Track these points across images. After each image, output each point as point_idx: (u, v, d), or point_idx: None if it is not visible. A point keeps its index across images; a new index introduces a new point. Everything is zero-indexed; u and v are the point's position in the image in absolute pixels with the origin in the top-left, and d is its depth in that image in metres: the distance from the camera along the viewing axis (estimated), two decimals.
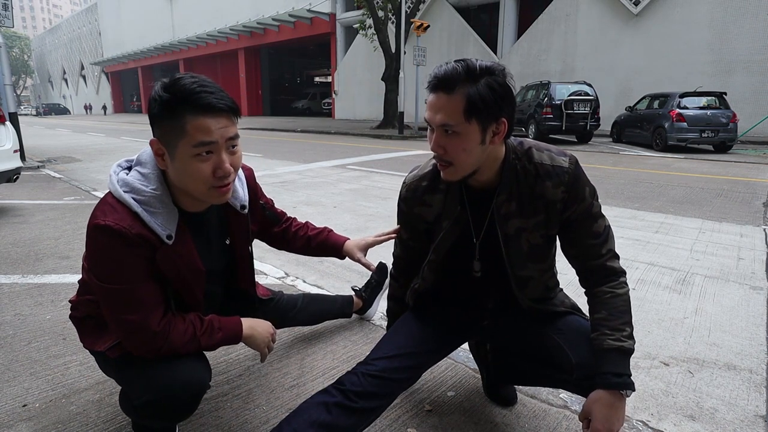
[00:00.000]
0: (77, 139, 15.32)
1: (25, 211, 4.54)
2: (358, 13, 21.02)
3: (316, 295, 2.04)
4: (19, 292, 2.54)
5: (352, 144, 12.74)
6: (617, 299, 1.14)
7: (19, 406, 1.55)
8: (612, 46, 16.20)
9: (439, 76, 1.03)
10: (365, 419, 1.16)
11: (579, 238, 1.18)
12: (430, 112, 1.06)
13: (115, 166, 1.17)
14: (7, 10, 8.18)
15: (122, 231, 1.04)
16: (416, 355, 1.26)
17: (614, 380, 1.06)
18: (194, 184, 1.08)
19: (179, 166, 1.06)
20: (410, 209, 1.30)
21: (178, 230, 1.13)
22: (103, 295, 1.10)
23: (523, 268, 1.23)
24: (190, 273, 1.19)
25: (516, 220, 1.18)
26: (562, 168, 1.13)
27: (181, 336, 1.15)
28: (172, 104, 1.02)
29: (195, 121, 1.02)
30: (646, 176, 6.93)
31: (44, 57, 67.60)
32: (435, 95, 1.05)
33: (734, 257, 3.23)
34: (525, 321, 1.32)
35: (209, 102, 1.02)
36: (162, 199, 1.10)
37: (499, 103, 1.03)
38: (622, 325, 1.11)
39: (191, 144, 1.03)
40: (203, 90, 1.03)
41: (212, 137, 1.04)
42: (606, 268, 1.18)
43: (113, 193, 1.10)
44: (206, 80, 1.06)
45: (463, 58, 1.05)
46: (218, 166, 1.06)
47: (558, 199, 1.14)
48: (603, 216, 1.19)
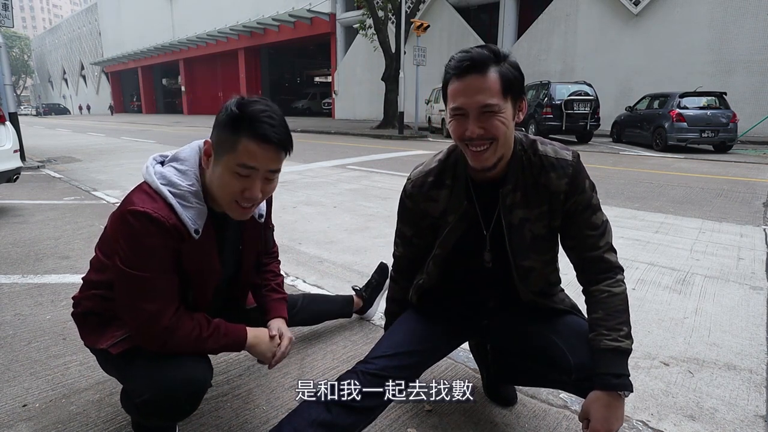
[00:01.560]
0: (77, 139, 15.32)
1: (25, 211, 4.55)
2: (358, 13, 21.02)
3: (316, 295, 2.05)
4: (19, 292, 2.54)
5: (352, 144, 12.74)
6: (614, 299, 1.15)
7: (19, 406, 1.55)
8: (612, 46, 16.19)
9: (472, 58, 1.04)
10: (365, 418, 1.16)
11: (578, 229, 1.19)
12: (465, 97, 1.07)
13: (151, 159, 1.22)
14: (7, 10, 8.18)
15: (160, 220, 1.08)
16: (416, 354, 1.27)
17: (612, 381, 1.06)
18: (222, 192, 1.15)
19: (217, 173, 1.14)
20: (416, 205, 1.30)
21: (205, 227, 1.18)
22: (125, 280, 1.11)
23: (526, 258, 1.24)
24: (208, 271, 1.22)
25: (520, 210, 1.19)
26: (566, 161, 1.17)
27: (188, 334, 1.15)
28: (237, 121, 1.09)
29: (248, 144, 1.09)
30: (646, 176, 6.93)
31: (44, 57, 67.61)
32: (467, 78, 1.06)
33: (734, 257, 3.23)
34: (525, 321, 1.32)
35: (265, 133, 1.10)
36: (196, 194, 1.16)
37: (522, 81, 1.10)
38: (619, 325, 1.11)
39: (236, 162, 1.10)
40: (267, 121, 1.10)
41: (255, 164, 1.11)
42: (603, 260, 1.19)
43: (150, 184, 1.14)
44: (276, 112, 1.14)
45: (480, 44, 1.09)
46: (248, 188, 1.14)
47: (561, 190, 1.16)
48: (601, 210, 1.22)
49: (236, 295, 1.47)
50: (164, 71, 46.06)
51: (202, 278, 1.22)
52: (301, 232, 3.90)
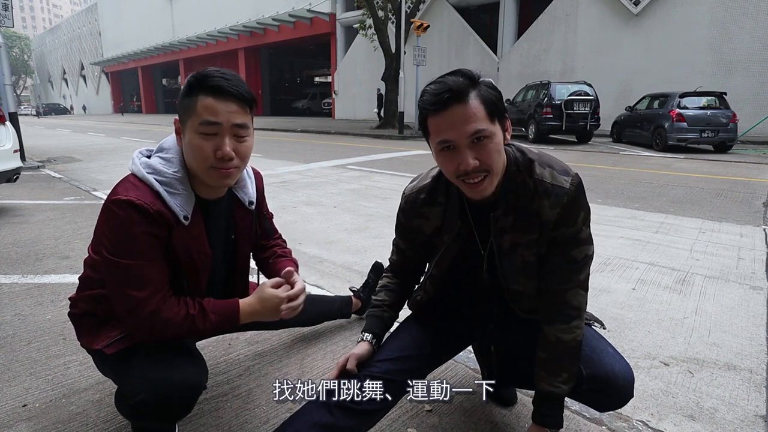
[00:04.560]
0: (77, 139, 15.32)
1: (25, 211, 4.55)
2: (358, 13, 21.01)
3: (315, 296, 2.04)
4: (19, 292, 2.54)
5: (352, 144, 12.74)
6: (560, 346, 1.15)
7: (19, 406, 1.55)
8: (612, 46, 16.19)
9: (450, 89, 0.99)
10: (367, 421, 1.16)
11: (554, 259, 1.15)
12: (452, 129, 1.01)
13: (137, 152, 1.23)
14: (7, 10, 8.18)
15: (143, 206, 1.08)
16: (419, 358, 1.26)
17: (544, 419, 1.19)
18: (196, 161, 1.14)
19: (187, 142, 1.14)
20: (408, 221, 1.29)
21: (193, 213, 1.18)
22: (112, 269, 1.10)
23: (515, 283, 1.22)
24: (199, 256, 1.22)
25: (511, 235, 1.16)
26: (562, 188, 1.09)
27: (175, 314, 1.13)
28: (192, 85, 1.11)
29: (204, 100, 1.09)
30: (646, 176, 6.93)
31: (44, 57, 67.56)
32: (448, 111, 1.00)
33: (734, 257, 3.23)
34: (531, 330, 1.31)
35: (219, 84, 1.09)
36: (182, 181, 1.16)
37: (501, 100, 1.06)
38: (559, 371, 1.15)
39: (198, 121, 1.10)
40: (220, 76, 1.10)
41: (217, 118, 1.10)
42: (563, 301, 1.15)
43: (136, 173, 1.15)
44: (230, 72, 1.13)
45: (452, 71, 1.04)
46: (219, 147, 1.11)
47: (551, 219, 1.11)
48: (588, 244, 1.15)
49: (236, 290, 1.46)
50: (164, 71, 46.04)
51: (193, 265, 1.21)
52: (301, 232, 3.90)
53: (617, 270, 2.99)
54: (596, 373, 1.15)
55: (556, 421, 1.18)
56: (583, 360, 1.18)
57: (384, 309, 1.35)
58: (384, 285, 1.42)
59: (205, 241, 1.23)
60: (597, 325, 1.33)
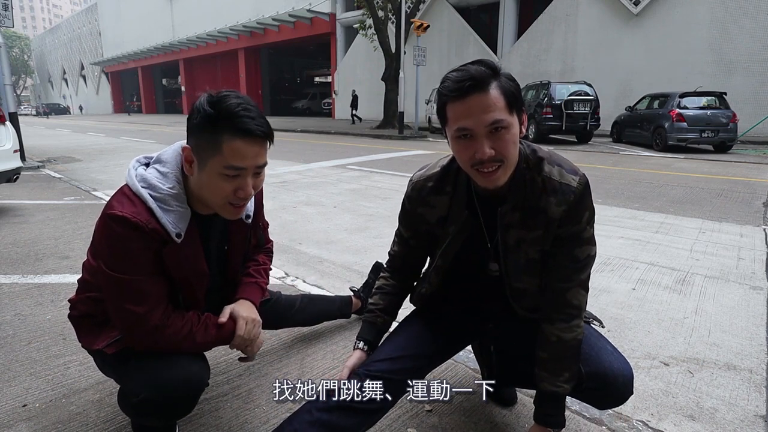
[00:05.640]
0: (77, 139, 15.31)
1: (25, 211, 4.54)
2: (358, 13, 21.01)
3: (314, 296, 2.05)
4: (19, 292, 2.54)
5: (352, 144, 12.74)
6: (561, 345, 1.15)
7: (19, 406, 1.55)
8: (612, 46, 16.19)
9: (472, 77, 0.99)
10: (367, 420, 1.16)
11: (557, 256, 1.16)
12: (471, 117, 1.01)
13: (134, 161, 1.21)
14: (7, 10, 8.18)
15: (139, 224, 1.07)
16: (419, 358, 1.26)
17: (547, 419, 1.19)
18: (213, 197, 1.12)
19: (205, 179, 1.10)
20: (414, 208, 1.28)
21: (188, 230, 1.15)
22: (110, 283, 1.10)
23: (518, 281, 1.23)
24: (194, 274, 1.20)
25: (517, 231, 1.16)
26: (569, 186, 1.11)
27: (178, 331, 1.15)
28: (214, 120, 1.04)
29: (232, 143, 1.05)
30: (646, 176, 6.93)
31: (44, 57, 67.54)
32: (469, 99, 1.00)
33: (734, 257, 3.22)
34: (532, 328, 1.31)
35: (249, 128, 1.05)
36: (177, 197, 1.13)
37: (520, 92, 1.06)
38: (561, 370, 1.15)
39: (223, 164, 1.06)
40: (246, 114, 1.05)
41: (244, 164, 1.07)
42: (564, 299, 1.16)
43: (131, 187, 1.12)
44: (250, 103, 1.09)
45: (474, 60, 1.04)
46: (241, 188, 1.10)
47: (557, 217, 1.12)
48: (591, 244, 1.16)
49: (229, 296, 1.45)
50: (164, 71, 46.01)
51: (189, 283, 1.21)
52: (301, 232, 3.90)
53: (617, 270, 2.99)
54: (595, 371, 1.16)
55: (559, 420, 1.19)
56: (582, 358, 1.18)
57: (377, 314, 1.35)
58: (380, 287, 1.41)
59: (202, 258, 1.21)
60: (596, 324, 1.33)
